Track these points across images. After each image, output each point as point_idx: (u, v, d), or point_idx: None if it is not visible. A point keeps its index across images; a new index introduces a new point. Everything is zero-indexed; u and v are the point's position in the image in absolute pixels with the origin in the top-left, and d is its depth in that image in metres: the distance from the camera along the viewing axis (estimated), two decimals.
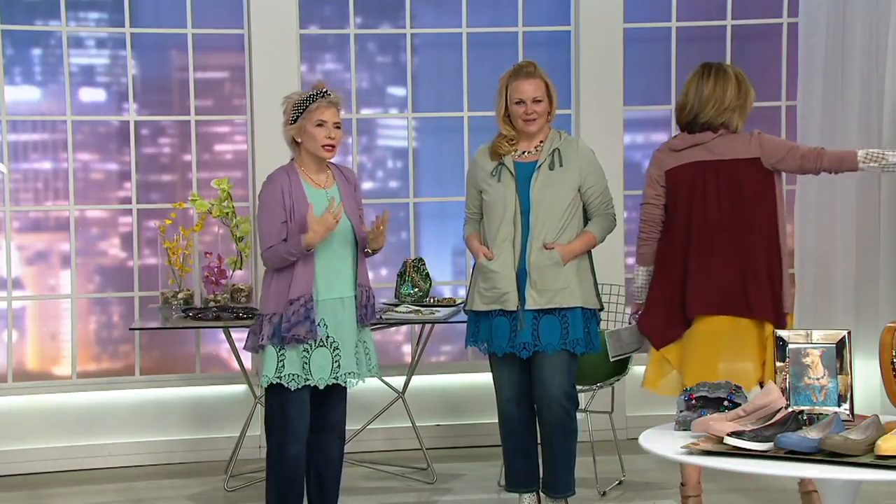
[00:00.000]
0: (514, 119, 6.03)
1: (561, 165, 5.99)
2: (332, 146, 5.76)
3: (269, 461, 5.80)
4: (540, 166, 5.98)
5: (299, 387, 5.71)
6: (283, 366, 5.68)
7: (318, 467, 5.92)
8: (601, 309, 6.16)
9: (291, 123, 5.74)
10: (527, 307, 5.95)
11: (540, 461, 6.22)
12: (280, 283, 5.69)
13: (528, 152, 6.05)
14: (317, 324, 5.69)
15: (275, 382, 5.69)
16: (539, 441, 6.18)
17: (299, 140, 5.73)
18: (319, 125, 5.71)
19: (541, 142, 6.06)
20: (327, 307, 5.73)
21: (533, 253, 5.95)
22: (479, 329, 6.13)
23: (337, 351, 5.76)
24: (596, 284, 6.13)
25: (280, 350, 5.68)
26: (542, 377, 6.00)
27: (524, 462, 6.23)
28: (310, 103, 5.70)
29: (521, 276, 5.98)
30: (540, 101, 6.00)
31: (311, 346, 5.71)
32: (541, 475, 6.23)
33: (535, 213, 5.95)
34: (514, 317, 5.99)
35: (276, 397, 5.74)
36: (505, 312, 6.01)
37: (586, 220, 6.11)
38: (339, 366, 5.77)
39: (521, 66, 6.08)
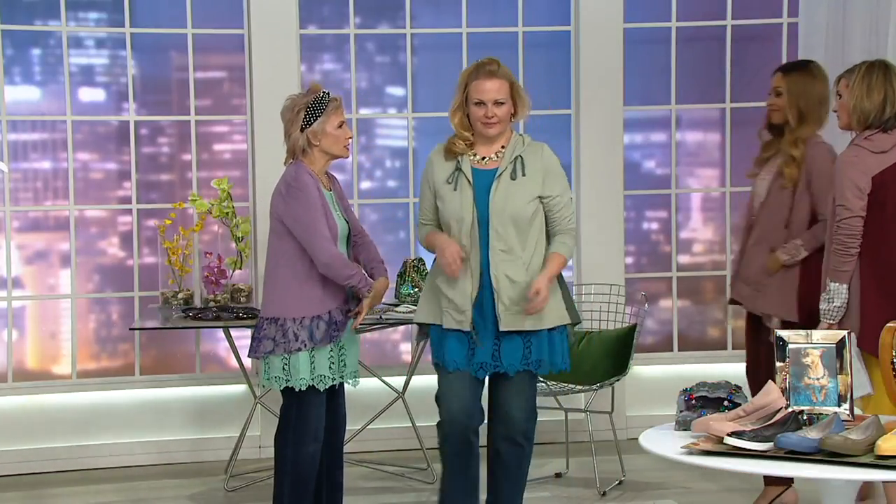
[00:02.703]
0: (473, 121, 5.52)
1: (524, 175, 5.48)
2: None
3: (283, 462, 5.76)
4: (500, 175, 5.47)
5: (327, 387, 5.73)
6: (314, 367, 5.68)
7: (332, 465, 5.93)
8: (577, 323, 5.71)
9: (306, 127, 5.70)
10: (501, 329, 5.46)
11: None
12: (310, 287, 5.66)
13: (489, 158, 5.54)
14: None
15: (307, 386, 5.68)
16: (490, 466, 5.73)
17: (316, 143, 5.71)
18: (341, 126, 5.74)
19: (502, 147, 5.55)
20: None
21: (497, 267, 5.44)
22: (443, 341, 5.60)
23: (343, 350, 5.79)
24: (569, 296, 5.68)
25: (312, 352, 5.68)
26: (502, 400, 5.60)
27: (466, 492, 5.69)
28: (324, 105, 5.70)
29: (481, 294, 5.48)
30: (502, 103, 5.49)
31: (335, 346, 5.73)
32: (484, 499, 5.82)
33: (495, 227, 5.43)
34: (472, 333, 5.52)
35: (293, 398, 5.74)
36: (465, 331, 5.53)
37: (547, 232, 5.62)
38: (345, 365, 5.81)
39: (483, 63, 5.54)
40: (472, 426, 5.60)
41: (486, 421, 5.68)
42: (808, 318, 5.89)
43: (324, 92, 5.74)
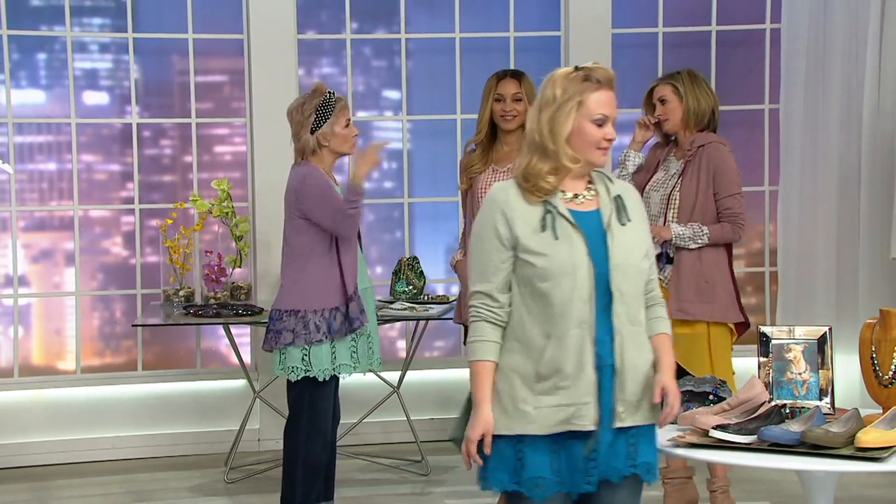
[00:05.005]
0: (585, 147, 3.84)
1: (629, 220, 3.90)
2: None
3: (296, 451, 5.83)
4: (610, 220, 3.88)
5: (350, 375, 5.86)
6: (335, 357, 5.79)
7: (329, 455, 6.02)
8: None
9: (315, 129, 5.83)
10: (616, 424, 3.83)
11: None
12: (325, 278, 5.78)
13: (582, 196, 3.91)
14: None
15: (330, 376, 5.80)
16: None
17: (326, 143, 5.85)
18: (347, 125, 5.90)
19: (589, 183, 3.95)
20: (363, 297, 5.87)
21: (624, 343, 3.83)
22: (524, 458, 3.86)
23: (370, 339, 5.92)
24: None
25: (332, 343, 5.78)
26: None
27: None
28: (332, 107, 5.84)
29: (601, 376, 3.82)
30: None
31: (356, 335, 5.84)
32: None
33: (619, 287, 3.81)
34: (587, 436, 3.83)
35: (308, 388, 5.82)
36: (575, 433, 3.83)
37: None
38: (373, 352, 5.93)
39: (597, 67, 4.03)
40: None
41: None
42: None
43: (329, 92, 5.87)
